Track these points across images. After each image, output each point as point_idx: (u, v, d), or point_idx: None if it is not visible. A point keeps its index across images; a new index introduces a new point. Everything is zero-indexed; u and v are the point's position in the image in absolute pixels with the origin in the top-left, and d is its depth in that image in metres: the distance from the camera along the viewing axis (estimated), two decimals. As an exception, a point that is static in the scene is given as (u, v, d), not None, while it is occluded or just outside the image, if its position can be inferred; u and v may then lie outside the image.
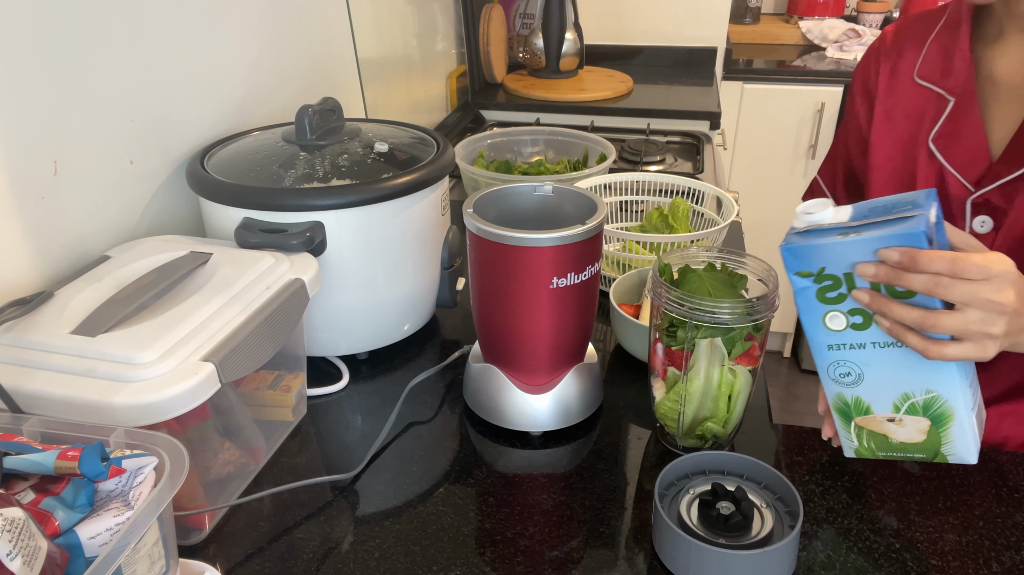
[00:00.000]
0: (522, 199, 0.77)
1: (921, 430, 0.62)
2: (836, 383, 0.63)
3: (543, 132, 1.43)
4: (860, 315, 0.59)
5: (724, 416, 0.70)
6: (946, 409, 0.60)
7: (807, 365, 2.60)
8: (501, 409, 0.75)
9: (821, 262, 0.58)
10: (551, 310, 0.70)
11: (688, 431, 0.72)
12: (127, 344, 0.58)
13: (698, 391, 0.69)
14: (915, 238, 0.54)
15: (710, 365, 0.67)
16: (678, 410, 0.70)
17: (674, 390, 0.70)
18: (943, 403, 0.60)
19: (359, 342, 0.87)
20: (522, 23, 2.21)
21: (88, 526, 0.46)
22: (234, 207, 0.77)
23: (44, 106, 0.71)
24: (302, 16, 1.15)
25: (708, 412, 0.70)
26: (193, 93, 0.92)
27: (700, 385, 0.68)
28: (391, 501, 0.68)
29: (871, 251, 0.56)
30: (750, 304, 0.65)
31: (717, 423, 0.70)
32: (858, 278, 0.57)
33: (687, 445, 0.73)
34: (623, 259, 0.99)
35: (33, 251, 0.71)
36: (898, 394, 0.61)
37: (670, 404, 0.71)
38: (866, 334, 0.59)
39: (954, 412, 0.60)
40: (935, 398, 0.60)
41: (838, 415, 0.65)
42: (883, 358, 0.60)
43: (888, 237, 0.55)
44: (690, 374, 0.68)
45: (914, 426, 0.62)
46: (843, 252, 0.57)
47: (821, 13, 2.68)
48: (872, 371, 0.61)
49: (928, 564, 0.61)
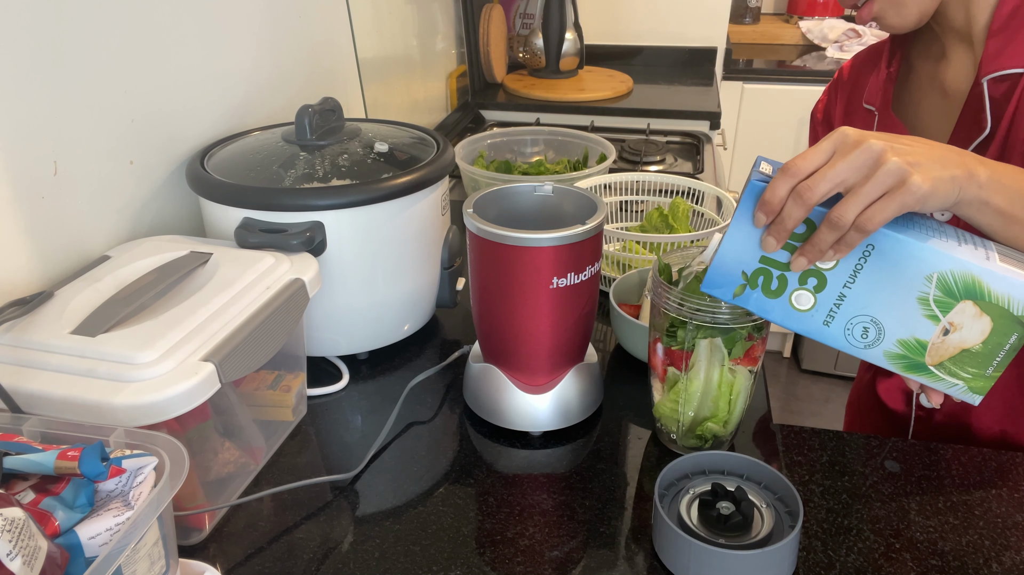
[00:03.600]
0: (522, 199, 0.77)
1: (974, 314, 0.56)
2: (874, 347, 0.59)
3: (543, 132, 1.43)
4: (812, 277, 0.58)
5: (724, 416, 0.70)
6: (964, 280, 0.55)
7: (807, 365, 2.60)
8: (501, 409, 0.75)
9: (734, 270, 0.59)
10: (551, 310, 0.70)
11: (688, 431, 0.72)
12: (127, 344, 0.58)
13: (698, 391, 0.69)
14: (752, 187, 0.56)
15: (710, 365, 0.67)
16: (678, 410, 0.70)
17: (674, 390, 0.70)
18: (955, 277, 0.56)
19: (359, 342, 0.87)
20: (522, 23, 2.21)
21: (88, 526, 0.45)
22: (234, 207, 0.77)
23: (44, 106, 0.71)
24: (302, 16, 1.15)
25: (708, 412, 0.70)
26: (193, 93, 0.92)
27: (700, 385, 0.68)
28: (391, 501, 0.68)
29: (749, 228, 0.57)
30: None
31: (717, 423, 0.70)
32: (774, 255, 0.58)
33: (687, 445, 0.73)
34: (623, 259, 0.99)
35: (33, 251, 0.71)
36: (914, 306, 0.57)
37: (670, 404, 0.71)
38: (833, 285, 0.58)
39: (973, 275, 0.55)
40: (943, 279, 0.56)
41: (922, 376, 0.60)
42: (866, 286, 0.57)
43: (741, 206, 0.57)
44: (690, 374, 0.68)
45: (966, 316, 0.56)
46: (736, 248, 0.58)
47: (821, 13, 2.68)
48: (873, 306, 0.58)
49: (928, 564, 0.61)
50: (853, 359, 2.75)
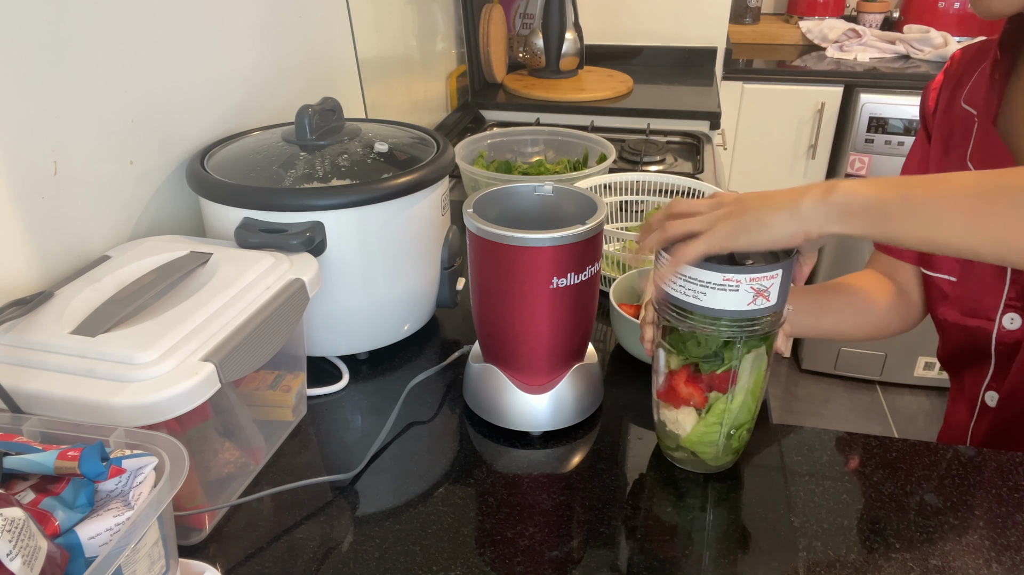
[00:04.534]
0: (522, 199, 0.77)
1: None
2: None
3: (543, 132, 1.43)
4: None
5: (754, 418, 0.68)
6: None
7: (807, 365, 2.60)
8: (501, 409, 0.75)
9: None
10: (551, 310, 0.70)
11: (725, 449, 0.68)
12: (127, 344, 0.58)
13: (739, 404, 0.66)
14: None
15: (751, 374, 0.65)
16: (719, 431, 0.67)
17: (712, 412, 0.66)
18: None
19: (359, 342, 0.87)
20: (522, 23, 2.21)
21: (88, 526, 0.46)
22: (234, 207, 0.77)
23: (44, 106, 0.71)
24: (302, 16, 1.15)
25: (743, 420, 0.67)
26: (193, 93, 0.92)
27: (743, 399, 0.66)
28: (391, 501, 0.68)
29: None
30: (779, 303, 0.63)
31: (749, 428, 0.68)
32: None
33: (720, 464, 0.70)
34: (623, 259, 0.99)
35: (33, 251, 0.71)
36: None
37: (706, 428, 0.66)
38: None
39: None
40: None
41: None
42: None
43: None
44: (735, 390, 0.65)
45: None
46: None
47: (821, 13, 2.68)
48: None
49: (928, 564, 0.61)
50: (853, 359, 2.74)
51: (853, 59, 2.38)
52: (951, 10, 2.42)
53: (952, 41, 2.33)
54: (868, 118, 2.19)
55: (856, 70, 2.27)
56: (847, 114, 2.27)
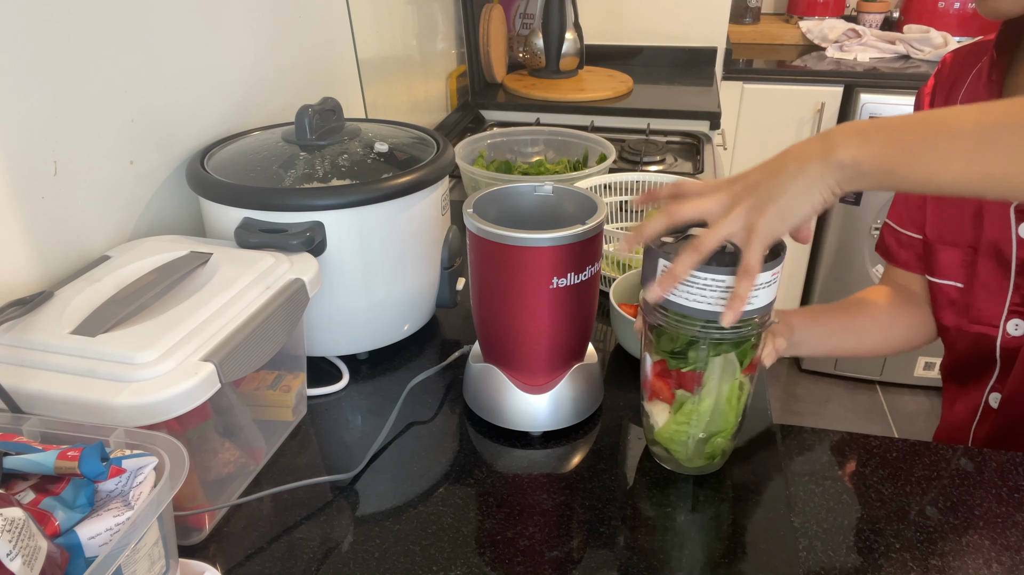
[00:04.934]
0: (522, 199, 0.77)
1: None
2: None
3: (543, 132, 1.43)
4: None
5: (732, 429, 0.68)
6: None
7: (807, 365, 2.60)
8: (501, 409, 0.75)
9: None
10: (551, 310, 0.70)
11: (696, 452, 0.68)
12: (127, 344, 0.58)
13: (709, 409, 0.66)
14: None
15: (722, 381, 0.65)
16: (687, 432, 0.67)
17: (682, 412, 0.67)
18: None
19: (359, 342, 0.87)
20: (522, 23, 2.21)
21: (88, 526, 0.46)
22: (234, 207, 0.77)
23: (44, 106, 0.71)
24: (302, 16, 1.15)
25: (717, 428, 0.67)
26: (193, 93, 0.92)
27: (712, 403, 0.66)
28: (391, 501, 0.68)
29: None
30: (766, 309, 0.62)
31: (725, 437, 0.68)
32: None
33: (693, 466, 0.70)
34: (623, 259, 0.99)
35: (33, 251, 0.71)
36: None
37: (676, 427, 0.67)
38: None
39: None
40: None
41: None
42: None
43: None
44: (702, 393, 0.65)
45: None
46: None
47: (821, 13, 2.68)
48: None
49: (928, 564, 0.61)
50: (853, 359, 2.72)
51: (853, 59, 2.38)
52: (951, 10, 2.42)
53: (952, 41, 2.33)
54: (868, 118, 2.18)
55: (856, 70, 2.27)
56: (847, 114, 2.27)
